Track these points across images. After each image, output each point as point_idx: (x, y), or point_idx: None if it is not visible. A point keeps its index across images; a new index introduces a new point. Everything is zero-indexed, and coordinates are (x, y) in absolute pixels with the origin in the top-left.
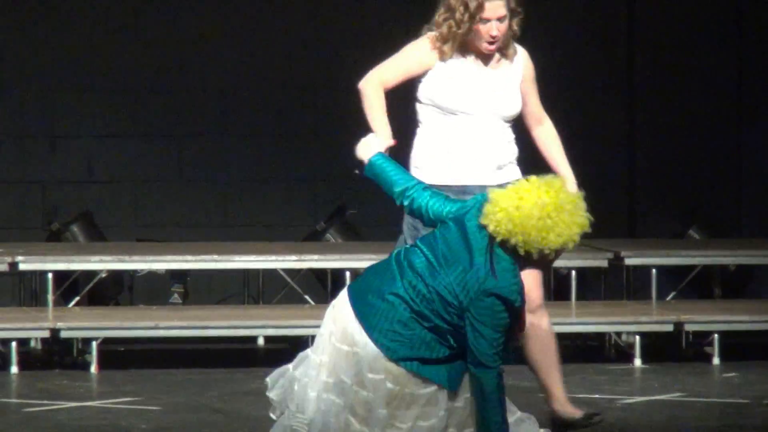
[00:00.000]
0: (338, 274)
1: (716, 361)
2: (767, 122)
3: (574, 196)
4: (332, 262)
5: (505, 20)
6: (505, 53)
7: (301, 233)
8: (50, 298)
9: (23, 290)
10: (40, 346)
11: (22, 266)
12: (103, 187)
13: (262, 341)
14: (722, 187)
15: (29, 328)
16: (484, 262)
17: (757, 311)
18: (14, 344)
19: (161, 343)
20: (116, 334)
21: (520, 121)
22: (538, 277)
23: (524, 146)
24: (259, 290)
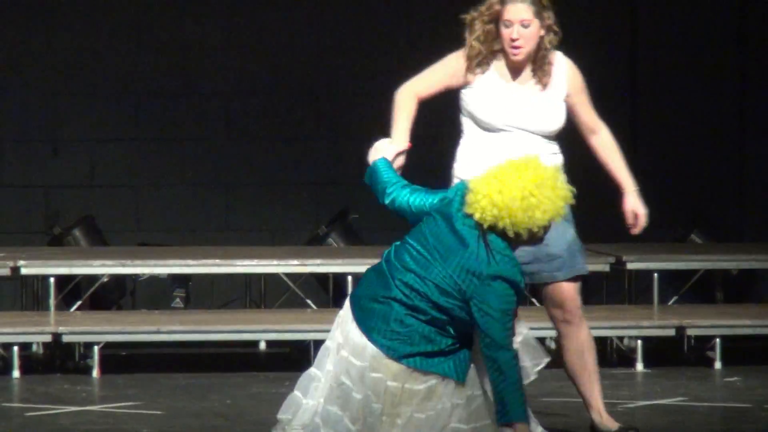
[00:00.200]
0: (340, 278)
1: (718, 365)
2: None
3: (551, 170)
4: (334, 266)
5: (530, 27)
6: (539, 68)
7: (303, 238)
8: (52, 302)
9: (25, 294)
10: (41, 350)
11: (24, 270)
12: (105, 191)
13: (263, 345)
14: (724, 191)
15: (31, 332)
16: (478, 249)
17: (759, 315)
18: (16, 348)
19: (163, 347)
20: (118, 338)
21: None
22: (575, 287)
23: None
24: (261, 294)
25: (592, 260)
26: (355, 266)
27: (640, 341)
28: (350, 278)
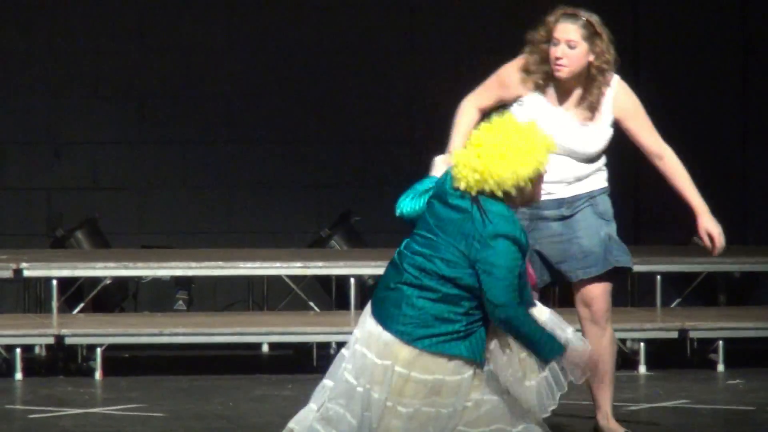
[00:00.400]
0: (343, 280)
1: (721, 367)
2: None
3: (525, 124)
4: (337, 268)
5: (577, 48)
6: (588, 93)
7: (305, 240)
8: (55, 304)
9: (28, 297)
10: (44, 352)
11: (26, 273)
12: (107, 193)
13: (266, 348)
14: (727, 193)
15: (34, 334)
16: (473, 215)
17: (761, 318)
18: (19, 351)
19: (166, 349)
20: (121, 340)
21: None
22: (606, 288)
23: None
24: (263, 297)
25: None
26: (357, 269)
27: (642, 344)
28: (353, 281)
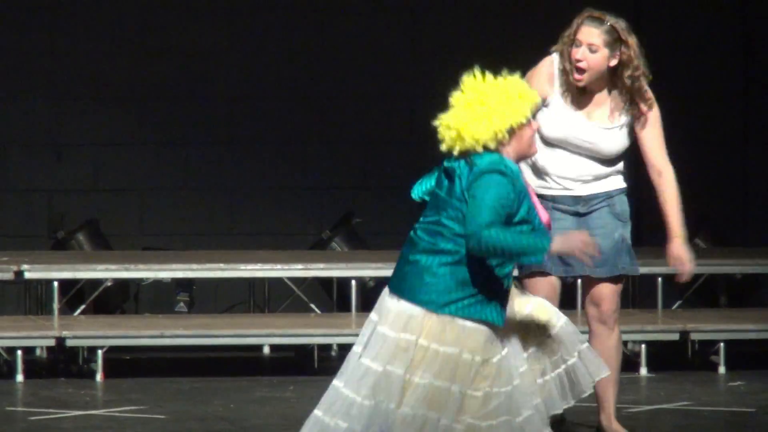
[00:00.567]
0: (344, 282)
1: (722, 369)
2: None
3: (500, 79)
4: (338, 270)
5: (597, 53)
6: (609, 97)
7: (306, 242)
8: (56, 306)
9: (29, 299)
10: (45, 354)
11: (27, 275)
12: (109, 195)
13: (267, 350)
14: (728, 196)
15: (35, 336)
16: (464, 169)
17: (763, 320)
18: (20, 352)
19: (167, 351)
20: (122, 342)
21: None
22: (615, 289)
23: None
24: (264, 299)
25: None
26: (358, 270)
27: (644, 346)
28: (354, 282)
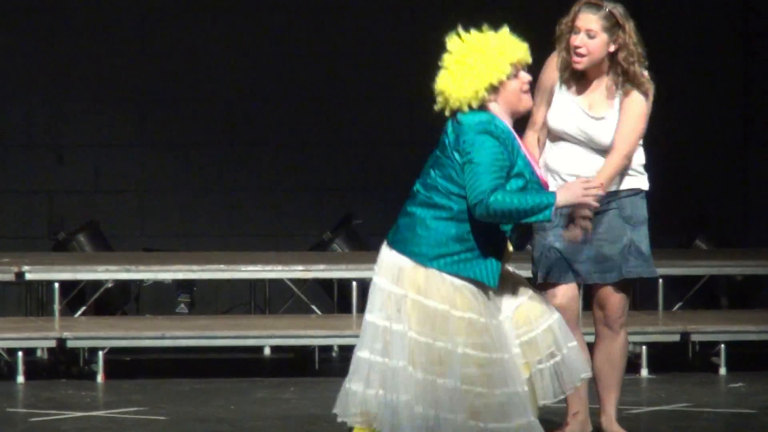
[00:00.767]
0: (344, 283)
1: (723, 371)
2: None
3: (483, 35)
4: (339, 272)
5: (596, 39)
6: (606, 83)
7: (307, 243)
8: (56, 307)
9: (30, 300)
10: (46, 355)
11: (28, 276)
12: (109, 196)
13: (268, 351)
14: (729, 197)
15: (36, 337)
16: (455, 128)
17: (763, 321)
18: (21, 354)
19: (167, 352)
20: (122, 343)
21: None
22: (622, 294)
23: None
24: (265, 300)
25: None
26: (359, 272)
27: (645, 347)
28: (354, 284)
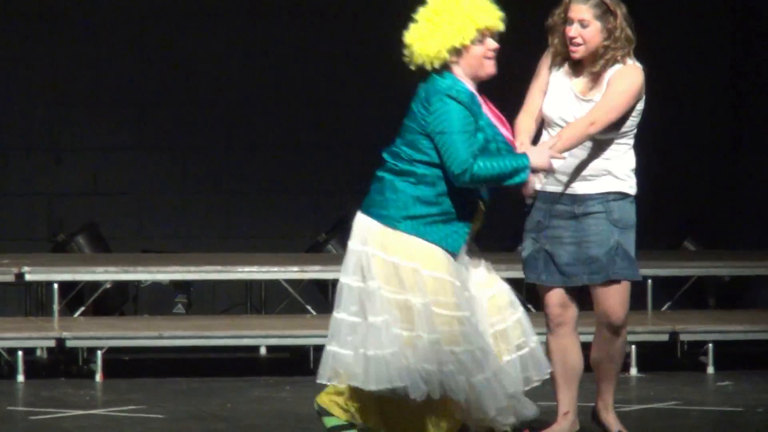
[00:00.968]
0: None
1: (711, 370)
2: (764, 134)
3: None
4: (334, 273)
5: (589, 27)
6: (601, 70)
7: (303, 245)
8: (56, 308)
9: (29, 300)
10: (45, 355)
11: (28, 277)
12: (108, 199)
13: (264, 351)
14: (717, 199)
15: (35, 337)
16: (421, 91)
17: (750, 321)
18: (20, 353)
19: (165, 352)
20: (121, 343)
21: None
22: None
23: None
24: (261, 300)
25: None
26: None
27: (634, 346)
28: None
